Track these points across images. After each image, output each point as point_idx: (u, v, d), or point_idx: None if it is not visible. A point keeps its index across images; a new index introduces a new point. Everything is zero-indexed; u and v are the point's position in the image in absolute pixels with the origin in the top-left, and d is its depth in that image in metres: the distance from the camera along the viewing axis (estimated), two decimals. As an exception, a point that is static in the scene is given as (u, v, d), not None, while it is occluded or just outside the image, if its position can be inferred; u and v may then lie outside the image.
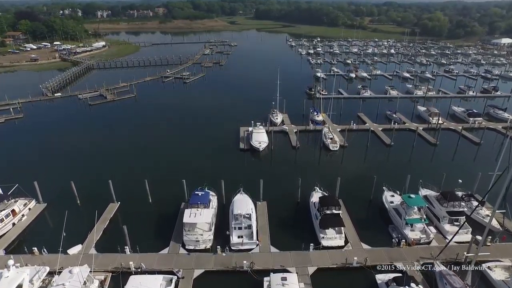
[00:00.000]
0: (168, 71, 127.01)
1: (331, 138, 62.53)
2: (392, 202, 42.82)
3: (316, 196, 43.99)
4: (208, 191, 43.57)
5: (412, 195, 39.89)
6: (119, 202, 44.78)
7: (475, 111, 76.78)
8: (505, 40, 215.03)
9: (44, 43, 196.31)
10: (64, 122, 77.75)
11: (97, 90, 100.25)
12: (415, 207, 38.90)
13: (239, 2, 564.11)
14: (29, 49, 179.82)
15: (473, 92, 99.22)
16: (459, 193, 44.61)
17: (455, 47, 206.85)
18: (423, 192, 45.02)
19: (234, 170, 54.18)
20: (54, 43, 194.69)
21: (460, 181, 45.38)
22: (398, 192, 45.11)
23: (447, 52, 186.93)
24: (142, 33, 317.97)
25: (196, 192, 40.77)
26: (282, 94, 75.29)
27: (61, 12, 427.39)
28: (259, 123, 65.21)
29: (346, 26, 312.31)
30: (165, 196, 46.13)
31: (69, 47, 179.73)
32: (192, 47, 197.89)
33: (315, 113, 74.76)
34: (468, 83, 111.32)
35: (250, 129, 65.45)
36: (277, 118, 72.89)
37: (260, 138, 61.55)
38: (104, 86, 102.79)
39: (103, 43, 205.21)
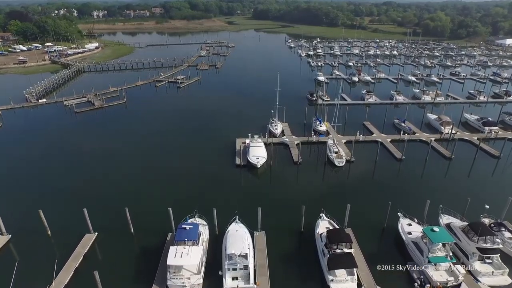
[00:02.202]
0: (162, 74, 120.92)
1: (336, 152, 56.65)
2: (410, 233, 37.03)
3: (322, 226, 38.29)
4: (197, 222, 37.89)
5: (436, 228, 34.08)
6: (96, 233, 38.89)
7: (490, 119, 70.95)
8: (510, 41, 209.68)
9: (35, 44, 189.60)
10: (44, 134, 70.88)
11: (84, 96, 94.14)
12: (440, 243, 33.17)
13: (237, 2, 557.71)
14: (18, 50, 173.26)
15: (484, 97, 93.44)
16: (485, 220, 39.15)
17: (459, 48, 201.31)
18: (444, 219, 39.31)
19: (229, 191, 48.26)
20: (46, 44, 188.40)
21: (487, 206, 39.77)
22: (415, 220, 39.38)
23: (451, 53, 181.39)
24: (139, 33, 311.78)
25: (183, 226, 34.79)
26: (282, 101, 69.41)
27: (56, 12, 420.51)
28: (257, 136, 59.37)
29: (346, 26, 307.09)
30: (150, 225, 40.21)
31: (60, 48, 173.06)
32: (188, 48, 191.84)
33: (318, 123, 68.92)
34: (477, 87, 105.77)
35: (247, 141, 59.60)
36: (276, 129, 66.97)
37: (258, 152, 55.58)
38: (93, 91, 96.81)
39: (96, 44, 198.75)
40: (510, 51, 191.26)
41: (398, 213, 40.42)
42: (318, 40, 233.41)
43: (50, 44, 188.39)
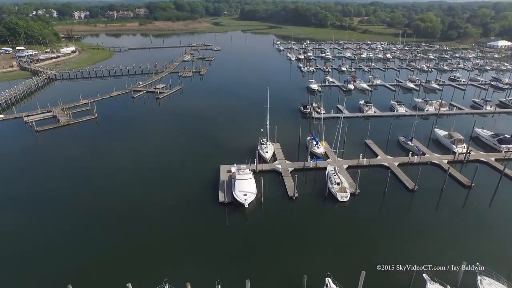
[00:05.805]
0: (140, 83, 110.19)
1: (338, 183, 47.71)
2: (445, 310, 28.45)
3: (330, 300, 29.36)
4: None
5: (485, 313, 25.50)
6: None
7: (507, 136, 63.24)
8: (502, 43, 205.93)
9: (5, 48, 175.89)
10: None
11: (50, 110, 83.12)
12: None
13: (224, 2, 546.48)
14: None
15: (491, 106, 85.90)
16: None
17: (452, 50, 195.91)
18: (486, 286, 30.80)
19: (210, 245, 38.36)
20: (17, 48, 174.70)
21: (537, 267, 31.51)
22: (448, 287, 30.82)
23: (445, 56, 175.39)
24: (122, 35, 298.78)
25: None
26: (272, 115, 60.08)
27: (34, 12, 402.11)
28: (244, 166, 49.98)
29: (335, 27, 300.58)
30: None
31: (30, 53, 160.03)
32: (172, 51, 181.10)
33: (315, 143, 59.97)
34: (479, 93, 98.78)
35: (232, 170, 50.21)
36: (267, 152, 57.46)
37: (245, 187, 46.13)
38: (60, 105, 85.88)
39: (73, 48, 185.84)
40: (503, 53, 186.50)
41: (424, 275, 31.83)
42: (308, 42, 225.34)
43: (22, 47, 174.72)
